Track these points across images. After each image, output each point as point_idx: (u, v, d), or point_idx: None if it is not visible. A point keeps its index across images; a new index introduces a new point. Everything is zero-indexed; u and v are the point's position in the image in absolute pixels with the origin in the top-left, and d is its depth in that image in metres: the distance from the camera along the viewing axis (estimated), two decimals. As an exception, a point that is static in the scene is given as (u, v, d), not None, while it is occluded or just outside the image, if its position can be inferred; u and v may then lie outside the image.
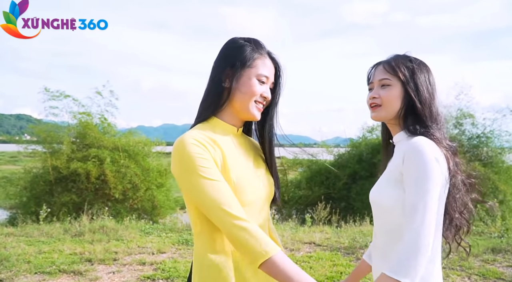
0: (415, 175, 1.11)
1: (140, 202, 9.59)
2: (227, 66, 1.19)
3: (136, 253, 4.83)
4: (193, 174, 1.06)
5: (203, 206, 1.07)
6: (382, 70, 1.29)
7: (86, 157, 8.91)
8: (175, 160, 1.10)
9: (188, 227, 6.42)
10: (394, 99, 1.25)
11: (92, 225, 6.04)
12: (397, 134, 1.31)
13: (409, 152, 1.14)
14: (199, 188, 1.06)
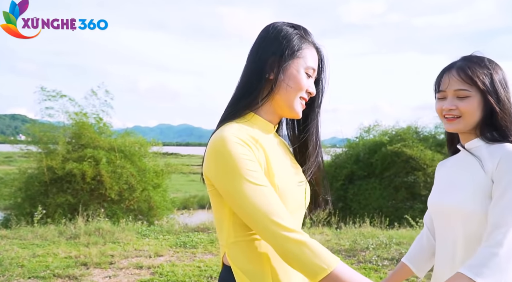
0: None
1: (137, 202, 9.52)
2: (272, 55, 1.02)
3: (133, 256, 4.73)
4: (237, 177, 0.91)
5: (247, 215, 0.92)
6: (458, 79, 1.20)
7: (81, 157, 8.83)
8: (213, 160, 0.94)
9: (185, 229, 6.32)
10: (474, 111, 1.20)
11: (88, 227, 5.93)
12: (472, 141, 1.26)
13: (507, 159, 1.13)
14: (244, 194, 0.91)
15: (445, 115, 1.24)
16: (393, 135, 11.95)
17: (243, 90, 1.04)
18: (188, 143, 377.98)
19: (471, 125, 1.22)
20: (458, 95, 1.20)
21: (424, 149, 10.86)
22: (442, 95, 1.25)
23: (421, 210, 10.15)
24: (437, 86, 1.27)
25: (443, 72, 1.26)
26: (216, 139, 0.95)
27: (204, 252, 5.05)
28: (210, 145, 0.96)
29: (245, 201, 0.91)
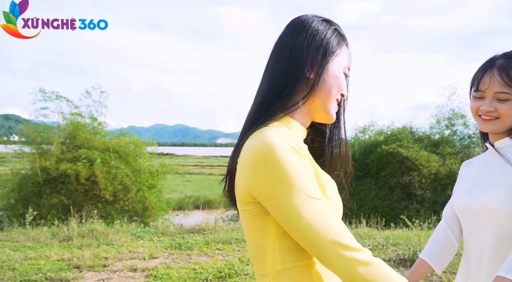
0: None
1: (131, 203, 9.47)
2: (313, 52, 0.88)
3: (127, 258, 4.66)
4: (292, 190, 0.76)
5: (304, 236, 0.76)
6: (500, 82, 1.17)
7: (76, 158, 8.78)
8: (261, 171, 0.78)
9: (180, 230, 6.25)
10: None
11: (81, 229, 5.85)
12: (502, 140, 1.24)
13: None
14: (302, 210, 0.76)
15: (482, 115, 1.21)
16: (388, 136, 11.96)
17: (276, 90, 0.88)
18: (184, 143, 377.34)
19: (507, 127, 1.21)
20: (498, 98, 1.18)
21: (420, 149, 10.88)
22: (480, 95, 1.22)
23: (417, 210, 10.16)
24: (476, 84, 1.23)
25: (484, 71, 1.21)
26: (261, 146, 0.78)
27: (199, 254, 4.99)
28: (253, 153, 0.79)
29: (303, 219, 0.76)
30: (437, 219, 7.97)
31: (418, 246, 5.01)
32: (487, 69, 1.21)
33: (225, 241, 5.49)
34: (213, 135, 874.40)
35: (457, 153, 11.04)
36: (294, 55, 0.88)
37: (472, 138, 11.04)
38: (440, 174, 10.42)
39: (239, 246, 5.32)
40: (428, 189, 10.48)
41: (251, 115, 0.89)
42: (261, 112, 0.88)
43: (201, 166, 39.13)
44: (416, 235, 5.80)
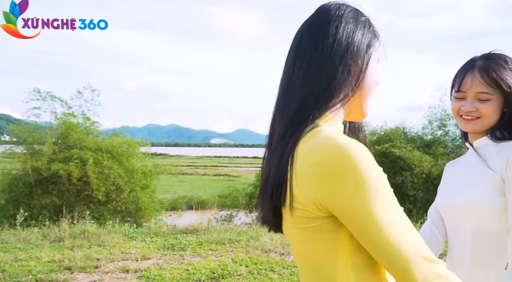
0: None
1: (124, 204, 9.42)
2: (358, 43, 0.78)
3: (119, 259, 4.61)
4: (380, 201, 0.66)
5: (391, 249, 0.66)
6: (482, 82, 1.20)
7: (68, 158, 8.71)
8: (343, 180, 0.66)
9: (173, 231, 6.21)
10: (494, 113, 1.21)
11: (73, 229, 5.78)
12: (480, 140, 1.27)
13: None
14: (391, 221, 0.66)
15: (463, 115, 1.24)
16: (381, 136, 12.01)
17: (321, 84, 0.75)
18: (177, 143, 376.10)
19: (487, 127, 1.23)
20: (479, 98, 1.20)
21: (412, 150, 10.94)
22: (462, 96, 1.25)
23: (410, 210, 10.21)
24: (457, 85, 1.26)
25: (465, 72, 1.24)
26: (337, 151, 0.67)
27: (192, 254, 4.96)
28: (328, 159, 0.67)
29: (392, 231, 0.66)
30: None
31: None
32: (468, 70, 1.23)
33: (218, 241, 5.47)
34: (207, 136, 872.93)
35: (449, 153, 11.13)
36: (337, 47, 0.76)
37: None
38: (433, 174, 10.49)
39: (232, 246, 5.30)
40: (421, 189, 10.54)
41: (292, 112, 0.75)
42: (307, 109, 0.74)
43: (194, 166, 39.03)
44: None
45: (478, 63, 1.22)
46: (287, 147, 0.72)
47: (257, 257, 4.77)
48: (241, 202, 12.23)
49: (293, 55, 0.80)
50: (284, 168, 0.71)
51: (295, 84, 0.77)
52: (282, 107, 0.78)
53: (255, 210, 11.40)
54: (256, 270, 4.31)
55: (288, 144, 0.72)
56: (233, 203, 13.52)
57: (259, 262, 4.54)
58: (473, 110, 1.21)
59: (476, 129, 1.24)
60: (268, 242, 5.41)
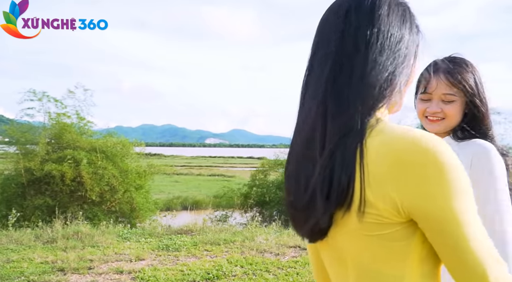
0: (495, 175, 1.16)
1: (118, 204, 9.39)
2: (411, 32, 0.72)
3: (113, 260, 4.57)
4: (463, 201, 0.61)
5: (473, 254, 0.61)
6: (446, 84, 1.24)
7: (61, 158, 8.65)
8: (428, 177, 0.59)
9: (168, 231, 6.17)
10: (458, 113, 1.26)
11: (66, 230, 5.72)
12: (443, 139, 1.25)
13: (480, 156, 1.18)
14: (476, 226, 0.61)
15: (428, 116, 1.28)
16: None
17: (383, 73, 0.66)
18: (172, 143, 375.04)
19: (451, 127, 1.28)
20: (444, 99, 1.25)
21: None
22: (427, 97, 1.28)
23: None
24: (422, 87, 1.30)
25: (430, 74, 1.28)
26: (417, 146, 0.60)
27: (187, 255, 4.93)
28: (407, 156, 0.60)
29: (476, 236, 0.61)
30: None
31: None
32: (433, 73, 1.28)
33: (213, 242, 5.45)
34: (202, 136, 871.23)
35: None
36: (396, 31, 0.69)
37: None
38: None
39: (227, 247, 5.28)
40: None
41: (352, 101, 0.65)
42: (370, 99, 0.65)
43: (189, 166, 38.93)
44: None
45: (443, 66, 1.27)
46: (352, 143, 0.63)
47: (252, 257, 4.76)
48: (236, 202, 12.21)
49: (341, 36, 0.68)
50: (350, 168, 0.62)
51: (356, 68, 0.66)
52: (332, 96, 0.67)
53: (250, 210, 11.39)
54: (251, 270, 4.30)
55: (352, 139, 0.63)
56: (228, 203, 13.49)
57: (254, 263, 4.53)
58: (439, 111, 1.25)
59: (441, 130, 1.27)
60: (263, 243, 5.40)
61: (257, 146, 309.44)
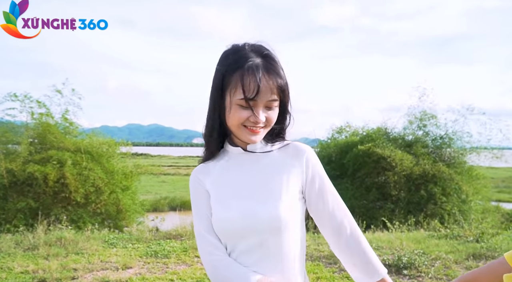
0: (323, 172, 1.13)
1: (104, 206, 9.18)
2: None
3: (98, 269, 4.34)
4: None
5: None
6: (270, 88, 1.02)
7: (44, 159, 8.42)
8: None
9: (156, 236, 5.94)
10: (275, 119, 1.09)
11: (48, 236, 5.43)
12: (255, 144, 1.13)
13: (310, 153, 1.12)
14: None
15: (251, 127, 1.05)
16: (363, 136, 12.03)
17: None
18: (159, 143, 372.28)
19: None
20: (269, 106, 1.05)
21: (394, 149, 10.97)
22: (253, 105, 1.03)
23: (392, 210, 10.21)
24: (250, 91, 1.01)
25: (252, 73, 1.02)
26: None
27: (177, 262, 4.72)
28: None
29: None
30: (414, 219, 8.00)
31: (401, 251, 4.93)
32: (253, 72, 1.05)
33: (204, 247, 5.24)
34: (189, 135, 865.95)
35: (430, 154, 11.22)
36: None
37: (443, 139, 11.26)
38: (414, 173, 10.54)
39: (219, 252, 5.08)
40: (403, 189, 10.57)
41: None
42: None
43: (176, 166, 38.53)
44: (397, 238, 5.74)
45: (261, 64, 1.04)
46: None
47: (245, 263, 4.57)
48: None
49: None
50: None
51: None
52: None
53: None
54: (244, 278, 4.11)
55: None
56: (217, 203, 13.30)
57: (247, 269, 4.34)
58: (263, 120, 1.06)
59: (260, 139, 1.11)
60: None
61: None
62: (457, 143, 11.18)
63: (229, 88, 1.03)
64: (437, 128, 11.41)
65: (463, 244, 5.47)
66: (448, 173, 10.40)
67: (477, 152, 11.09)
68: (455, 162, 10.96)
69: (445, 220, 9.36)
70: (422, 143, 11.38)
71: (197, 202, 1.12)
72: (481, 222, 6.92)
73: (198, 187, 1.13)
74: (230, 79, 1.02)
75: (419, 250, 4.98)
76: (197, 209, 1.12)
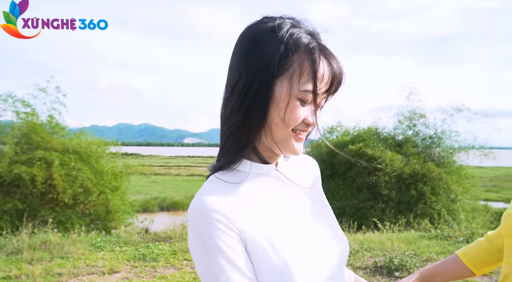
0: None
1: (93, 207, 9.07)
2: None
3: (84, 273, 4.23)
4: None
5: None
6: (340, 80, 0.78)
7: (31, 160, 8.26)
8: None
9: (145, 239, 5.83)
10: None
11: (33, 240, 5.28)
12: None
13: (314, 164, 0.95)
14: None
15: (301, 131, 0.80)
16: (354, 136, 12.05)
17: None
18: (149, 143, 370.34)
19: None
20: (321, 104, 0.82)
21: (384, 149, 11.01)
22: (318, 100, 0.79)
23: (382, 209, 10.23)
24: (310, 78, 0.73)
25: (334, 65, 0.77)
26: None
27: (165, 265, 4.63)
28: None
29: None
30: (405, 220, 8.01)
31: (393, 252, 4.90)
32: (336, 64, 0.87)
33: (194, 249, 5.15)
34: (180, 135, 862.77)
35: (420, 153, 11.28)
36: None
37: (433, 139, 11.33)
38: (404, 173, 10.58)
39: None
40: (393, 189, 10.60)
41: None
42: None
43: (167, 166, 38.34)
44: (388, 239, 5.72)
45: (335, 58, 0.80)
46: None
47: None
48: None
49: None
50: None
51: None
52: None
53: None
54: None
55: None
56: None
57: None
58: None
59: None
60: None
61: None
62: (446, 142, 11.26)
63: (286, 73, 0.71)
64: (427, 128, 11.48)
65: (453, 245, 5.47)
66: (437, 172, 10.46)
67: (465, 151, 11.17)
68: (444, 161, 11.03)
69: (435, 220, 9.40)
70: (412, 143, 11.44)
71: (231, 254, 0.68)
72: (471, 222, 6.96)
73: (225, 229, 0.69)
74: (290, 61, 0.71)
75: (410, 251, 4.96)
76: (232, 265, 0.68)
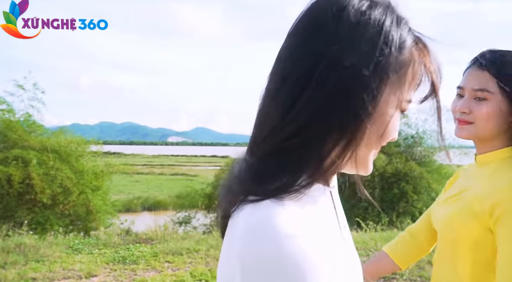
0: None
1: (73, 207, 8.88)
2: None
3: (60, 278, 4.06)
4: None
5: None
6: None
7: (7, 159, 8.02)
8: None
9: (125, 241, 5.66)
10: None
11: (6, 242, 5.06)
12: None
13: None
14: None
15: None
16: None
17: None
18: (132, 141, 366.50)
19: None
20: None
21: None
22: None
23: (365, 208, 10.30)
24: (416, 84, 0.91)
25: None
26: None
27: (146, 268, 4.50)
28: None
29: None
30: (388, 219, 8.07)
31: (376, 252, 4.90)
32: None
33: (175, 251, 5.03)
34: (164, 134, 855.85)
35: (402, 153, 11.43)
36: None
37: (414, 138, 11.50)
38: (387, 172, 10.69)
39: (191, 257, 4.90)
40: (377, 187, 10.70)
41: None
42: None
43: (150, 166, 37.95)
44: (371, 239, 5.73)
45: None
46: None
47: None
48: (199, 203, 11.87)
49: None
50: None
51: None
52: None
53: (214, 211, 11.04)
54: (216, 284, 3.97)
55: None
56: (191, 203, 13.10)
57: (219, 275, 4.19)
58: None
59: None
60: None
61: (220, 144, 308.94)
62: (427, 142, 11.44)
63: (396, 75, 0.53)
64: (409, 128, 11.64)
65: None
66: (419, 171, 10.61)
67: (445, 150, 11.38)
68: (425, 161, 11.22)
69: (417, 218, 9.51)
70: (395, 142, 11.59)
71: None
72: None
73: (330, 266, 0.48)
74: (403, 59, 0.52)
75: (393, 251, 4.97)
76: None
